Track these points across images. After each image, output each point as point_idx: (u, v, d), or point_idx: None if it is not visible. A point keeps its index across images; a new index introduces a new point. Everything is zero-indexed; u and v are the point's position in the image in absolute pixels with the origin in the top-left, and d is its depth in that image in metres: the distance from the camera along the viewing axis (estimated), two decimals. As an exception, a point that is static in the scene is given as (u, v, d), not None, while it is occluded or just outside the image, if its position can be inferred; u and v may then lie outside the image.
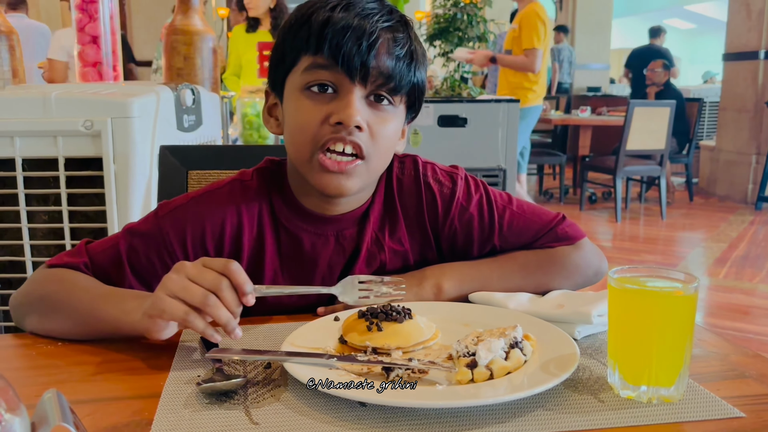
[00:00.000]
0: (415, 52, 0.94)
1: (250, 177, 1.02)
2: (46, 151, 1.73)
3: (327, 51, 0.88)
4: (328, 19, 0.88)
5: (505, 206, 1.04)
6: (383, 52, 0.89)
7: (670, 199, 6.28)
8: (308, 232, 0.99)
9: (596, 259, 1.07)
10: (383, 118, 0.93)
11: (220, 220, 0.97)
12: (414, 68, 0.93)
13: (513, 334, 0.75)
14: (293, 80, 0.93)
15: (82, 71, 2.49)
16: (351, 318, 0.84)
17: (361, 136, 0.90)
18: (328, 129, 0.89)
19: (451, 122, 3.16)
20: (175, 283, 0.77)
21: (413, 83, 0.94)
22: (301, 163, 0.94)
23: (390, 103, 0.93)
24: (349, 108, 0.88)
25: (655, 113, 5.43)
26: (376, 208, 1.02)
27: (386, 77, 0.90)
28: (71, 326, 0.88)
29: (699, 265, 4.45)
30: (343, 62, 0.87)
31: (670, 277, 0.73)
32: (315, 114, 0.90)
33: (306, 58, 0.91)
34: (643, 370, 0.69)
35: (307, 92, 0.91)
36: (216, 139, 2.35)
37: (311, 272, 1.00)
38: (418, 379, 0.72)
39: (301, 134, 0.91)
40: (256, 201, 1.00)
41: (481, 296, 0.98)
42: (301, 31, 0.91)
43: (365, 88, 0.90)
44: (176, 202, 0.99)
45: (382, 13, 0.91)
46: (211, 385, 0.70)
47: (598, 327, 0.88)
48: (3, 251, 1.79)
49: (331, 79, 0.90)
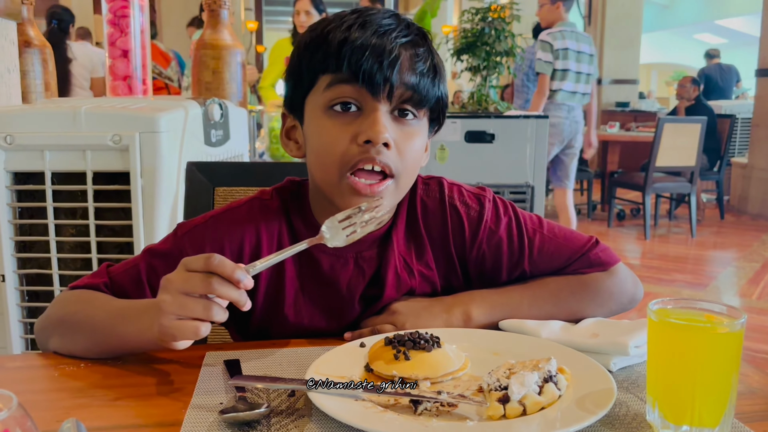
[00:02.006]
0: (437, 64, 0.92)
1: (269, 196, 1.00)
2: (74, 165, 1.74)
3: (347, 69, 0.86)
4: (345, 39, 0.87)
5: (536, 230, 1.01)
6: (406, 67, 0.88)
7: (700, 216, 6.16)
8: (327, 254, 0.97)
9: (631, 285, 1.03)
10: (409, 133, 0.91)
11: (239, 238, 0.96)
12: (438, 81, 0.92)
13: (547, 367, 0.72)
14: (314, 101, 0.91)
15: (112, 85, 2.51)
16: (377, 345, 0.82)
17: (389, 154, 0.88)
18: (356, 149, 0.87)
19: (479, 138, 3.13)
20: (171, 304, 0.75)
21: (437, 96, 0.93)
22: (328, 185, 0.92)
23: (414, 116, 0.91)
24: (377, 125, 0.86)
25: (685, 129, 5.34)
26: (399, 231, 1.00)
27: (411, 91, 0.89)
28: (91, 346, 0.88)
29: (731, 285, 4.34)
30: (364, 79, 0.86)
31: (713, 311, 0.69)
32: (341, 134, 0.88)
33: (325, 78, 0.89)
34: (686, 408, 0.66)
35: (330, 112, 0.89)
36: (243, 154, 2.36)
37: (331, 294, 0.98)
38: (447, 412, 0.70)
39: (328, 155, 0.89)
40: (275, 220, 0.98)
41: (512, 324, 0.94)
42: (318, 52, 0.89)
43: (390, 104, 0.89)
44: (195, 221, 0.98)
45: (400, 28, 0.89)
46: (234, 415, 0.68)
47: (635, 359, 0.85)
48: (31, 264, 1.80)
49: (355, 96, 0.88)
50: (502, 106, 3.71)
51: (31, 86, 2.67)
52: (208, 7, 2.61)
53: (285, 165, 1.41)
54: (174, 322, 0.75)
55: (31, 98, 2.67)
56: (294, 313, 0.98)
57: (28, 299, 1.82)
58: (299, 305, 0.98)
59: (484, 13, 3.77)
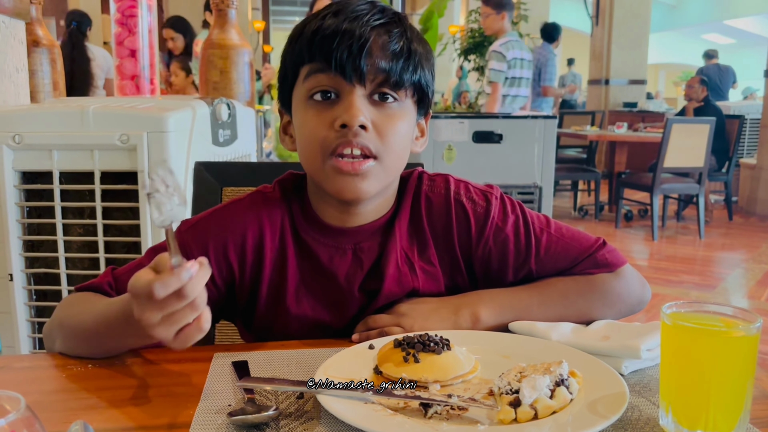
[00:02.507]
0: (413, 48, 0.92)
1: (271, 189, 1.01)
2: (82, 165, 1.74)
3: (319, 57, 0.89)
4: (318, 28, 0.89)
5: (543, 229, 1.00)
6: (377, 50, 0.89)
7: (708, 217, 6.13)
8: (326, 245, 0.97)
9: (638, 287, 1.02)
10: (389, 115, 0.91)
11: (241, 230, 0.96)
12: (414, 64, 0.92)
13: (558, 371, 0.71)
14: (297, 93, 0.94)
15: (120, 84, 2.51)
16: (386, 347, 0.81)
17: (368, 136, 0.89)
18: (334, 134, 0.89)
19: (487, 138, 3.12)
20: (163, 329, 0.72)
21: (415, 80, 0.93)
22: (315, 171, 0.93)
23: (395, 99, 0.92)
24: (351, 109, 0.88)
25: (693, 130, 5.31)
26: (402, 224, 0.99)
27: (385, 74, 0.89)
28: (89, 347, 0.88)
29: (739, 286, 4.32)
30: (336, 66, 0.88)
31: (728, 314, 0.68)
32: (321, 121, 0.90)
33: (304, 69, 0.92)
34: (700, 414, 0.65)
35: (311, 102, 0.91)
36: (251, 154, 2.35)
37: (330, 286, 0.98)
38: (457, 416, 0.69)
39: (311, 143, 0.91)
40: (278, 211, 0.99)
41: (522, 326, 0.94)
42: (296, 45, 0.92)
43: (365, 88, 0.89)
44: (197, 217, 0.99)
45: (373, 12, 0.90)
46: (243, 417, 0.67)
47: (647, 362, 0.84)
48: (38, 263, 1.80)
49: (331, 83, 0.89)
50: (509, 107, 3.71)
51: (40, 86, 2.68)
52: (216, 7, 2.61)
53: (293, 165, 1.40)
54: (177, 340, 0.74)
55: (40, 98, 2.67)
56: (296, 305, 0.97)
57: (36, 298, 1.82)
58: (300, 297, 0.98)
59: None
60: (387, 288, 0.97)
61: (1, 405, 0.51)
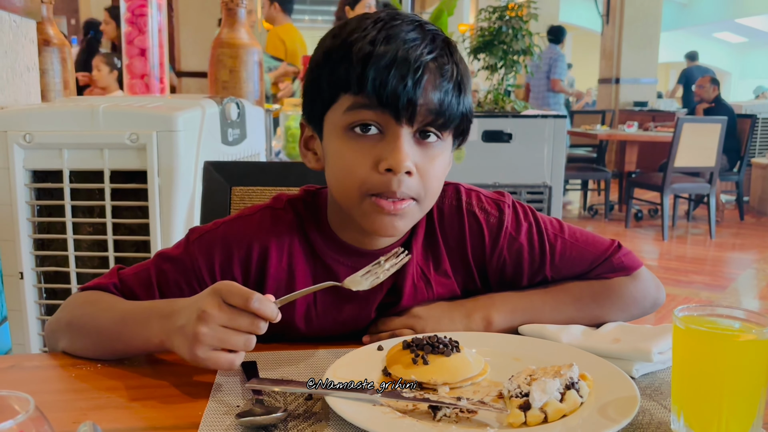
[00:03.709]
0: (462, 80, 0.87)
1: (282, 206, 0.98)
2: (92, 164, 1.74)
3: (371, 90, 0.82)
4: (370, 54, 0.82)
5: (557, 235, 0.99)
6: (430, 86, 0.83)
7: (719, 217, 6.09)
8: (345, 266, 0.95)
9: (654, 290, 1.01)
10: (432, 156, 0.87)
11: (247, 245, 0.94)
12: (462, 98, 0.87)
13: (569, 374, 0.70)
14: (333, 118, 0.87)
15: (130, 83, 2.52)
16: (395, 349, 0.81)
17: (411, 182, 0.85)
18: (377, 178, 0.84)
19: (496, 137, 3.11)
20: (212, 338, 0.75)
21: (462, 113, 0.88)
22: (350, 206, 0.89)
23: (438, 138, 0.87)
24: (399, 153, 0.82)
25: (705, 129, 5.28)
26: (418, 240, 0.98)
27: (435, 114, 0.84)
28: (97, 348, 0.88)
29: (750, 287, 4.29)
30: (388, 102, 0.81)
31: (741, 317, 0.67)
32: (362, 158, 0.84)
33: (347, 97, 0.84)
34: (712, 419, 0.64)
35: (350, 133, 0.85)
36: (260, 153, 2.35)
37: (348, 307, 0.96)
38: (466, 419, 0.68)
39: (348, 179, 0.86)
40: (286, 233, 0.95)
41: (532, 329, 0.93)
42: (339, 67, 0.84)
43: (412, 127, 0.84)
44: (206, 227, 0.97)
45: (426, 42, 0.84)
46: (251, 419, 0.67)
47: (658, 365, 0.83)
48: (48, 261, 1.81)
49: (377, 120, 0.83)
50: (519, 106, 3.69)
51: (50, 85, 2.69)
52: (225, 6, 2.61)
53: (301, 165, 1.39)
54: (210, 354, 0.76)
55: (50, 97, 2.68)
56: (305, 325, 0.96)
57: (46, 297, 1.83)
58: (311, 317, 0.96)
59: (501, 11, 3.74)
60: (404, 303, 0.97)
61: (11, 405, 0.51)
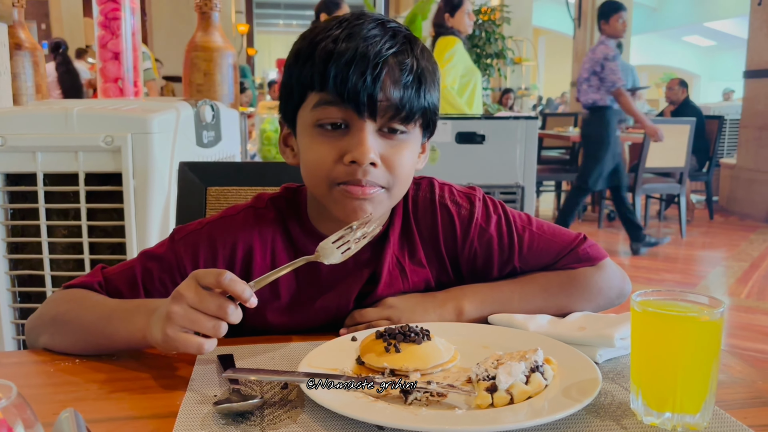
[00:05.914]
0: (423, 74, 0.90)
1: (264, 205, 1.01)
2: (66, 166, 1.74)
3: (332, 88, 0.86)
4: (331, 53, 0.86)
5: (525, 227, 1.03)
6: (389, 81, 0.87)
7: (689, 217, 6.21)
8: None
9: (619, 280, 1.05)
10: (398, 147, 0.91)
11: (232, 244, 0.97)
12: (424, 92, 0.90)
13: (534, 358, 0.73)
14: (304, 116, 0.92)
15: (104, 87, 2.51)
16: (369, 338, 0.83)
17: (376, 172, 0.89)
18: (343, 169, 0.88)
19: (469, 139, 3.15)
20: (182, 318, 0.77)
21: (425, 107, 0.92)
22: (321, 196, 0.93)
23: (404, 132, 0.91)
24: (362, 146, 0.87)
25: (674, 131, 5.38)
26: (395, 231, 1.01)
27: (396, 108, 0.88)
28: (81, 344, 0.90)
29: (720, 284, 4.38)
30: (349, 98, 0.86)
31: (695, 301, 0.71)
32: (328, 152, 0.89)
33: (313, 95, 0.89)
34: (668, 396, 0.68)
35: (318, 129, 0.90)
36: (235, 155, 2.37)
37: (328, 297, 0.99)
38: (436, 402, 0.71)
39: (316, 171, 0.91)
40: (269, 229, 0.99)
41: (501, 318, 0.96)
42: (305, 67, 0.89)
43: (376, 123, 0.88)
44: (191, 227, 0.99)
45: (386, 38, 0.88)
46: (228, 406, 0.69)
47: (620, 350, 0.87)
48: (23, 265, 1.80)
49: (341, 116, 0.88)
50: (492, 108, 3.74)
51: (22, 88, 2.67)
52: (199, 9, 2.62)
53: (276, 165, 1.42)
54: (179, 334, 0.77)
55: (22, 100, 2.67)
56: (288, 315, 0.99)
57: (21, 300, 1.82)
58: (293, 309, 0.99)
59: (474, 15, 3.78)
60: (379, 293, 0.99)
61: (-7, 393, 0.53)
